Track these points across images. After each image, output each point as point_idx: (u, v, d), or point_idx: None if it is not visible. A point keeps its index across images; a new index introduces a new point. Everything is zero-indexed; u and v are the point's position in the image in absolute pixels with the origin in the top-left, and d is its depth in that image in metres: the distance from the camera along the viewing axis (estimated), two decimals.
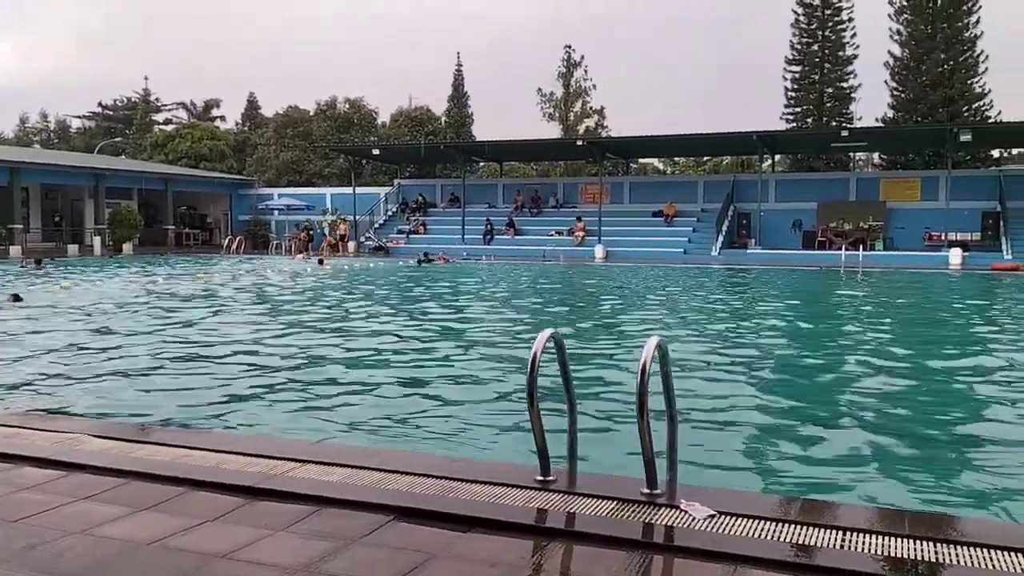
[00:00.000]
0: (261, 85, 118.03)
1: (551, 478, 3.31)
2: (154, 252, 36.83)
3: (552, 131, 55.86)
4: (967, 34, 41.32)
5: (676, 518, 2.93)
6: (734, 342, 10.53)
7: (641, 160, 57.06)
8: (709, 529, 2.82)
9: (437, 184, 45.59)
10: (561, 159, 50.59)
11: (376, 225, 42.27)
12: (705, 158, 56.78)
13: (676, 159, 58.69)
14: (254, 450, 3.72)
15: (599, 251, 34.67)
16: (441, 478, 3.30)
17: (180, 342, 9.91)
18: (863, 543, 2.69)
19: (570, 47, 56.42)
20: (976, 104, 41.62)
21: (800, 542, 2.70)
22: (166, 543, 2.77)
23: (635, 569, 2.55)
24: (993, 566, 2.50)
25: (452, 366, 8.47)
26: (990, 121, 39.90)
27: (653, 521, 2.92)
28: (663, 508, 3.02)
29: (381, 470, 3.40)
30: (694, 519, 2.91)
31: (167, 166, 48.96)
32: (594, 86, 56.80)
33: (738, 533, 2.78)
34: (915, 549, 2.64)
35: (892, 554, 2.60)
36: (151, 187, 43.03)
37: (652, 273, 26.15)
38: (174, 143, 54.33)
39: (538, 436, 3.27)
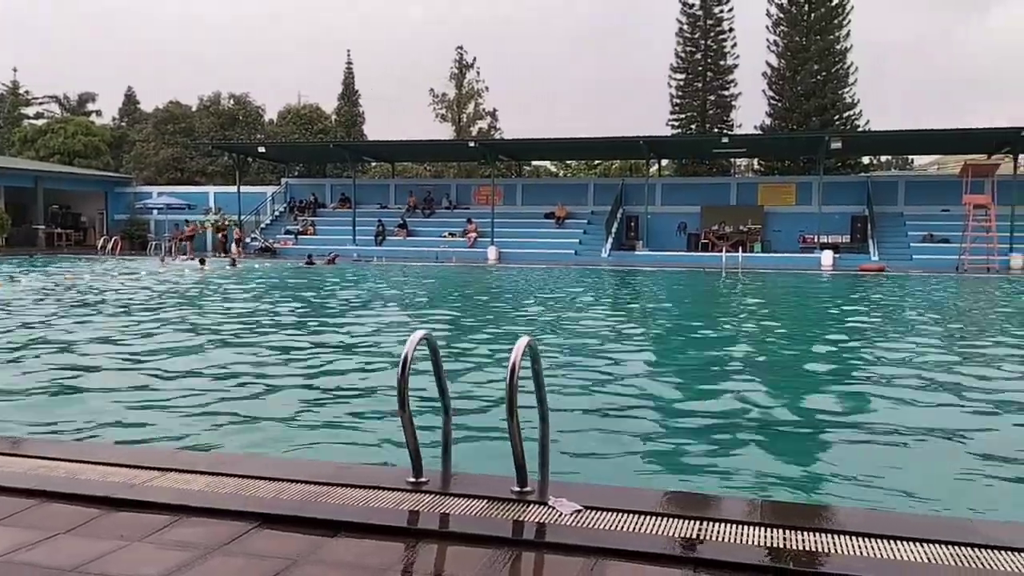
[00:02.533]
0: (140, 79, 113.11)
1: (424, 480, 3.30)
2: (23, 253, 34.77)
3: (445, 132, 55.81)
4: (838, 46, 43.64)
5: (545, 515, 2.98)
6: (613, 340, 10.76)
7: (534, 162, 57.67)
8: (575, 524, 2.88)
9: (327, 184, 44.81)
10: (454, 160, 50.58)
11: (263, 225, 41.20)
12: (596, 162, 57.88)
13: (568, 162, 59.59)
14: (113, 460, 3.57)
15: (491, 253, 34.86)
16: (309, 483, 3.24)
17: (34, 348, 9.38)
18: (729, 533, 2.78)
19: (462, 48, 56.53)
20: (847, 113, 44.00)
21: (665, 534, 2.79)
22: (11, 558, 2.63)
23: (500, 566, 2.58)
24: (866, 553, 2.63)
25: (327, 369, 8.29)
26: (859, 130, 42.25)
27: (522, 518, 2.95)
28: (532, 505, 3.06)
29: (246, 477, 3.32)
30: (561, 515, 2.97)
31: (37, 162, 46.27)
32: (487, 88, 57.09)
33: (603, 527, 2.85)
34: (784, 538, 2.74)
35: (759, 543, 2.70)
36: (19, 184, 40.60)
37: (542, 274, 26.45)
38: (45, 138, 51.43)
39: (409, 438, 3.26)
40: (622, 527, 2.85)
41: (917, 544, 2.67)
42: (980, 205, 29.82)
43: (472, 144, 38.98)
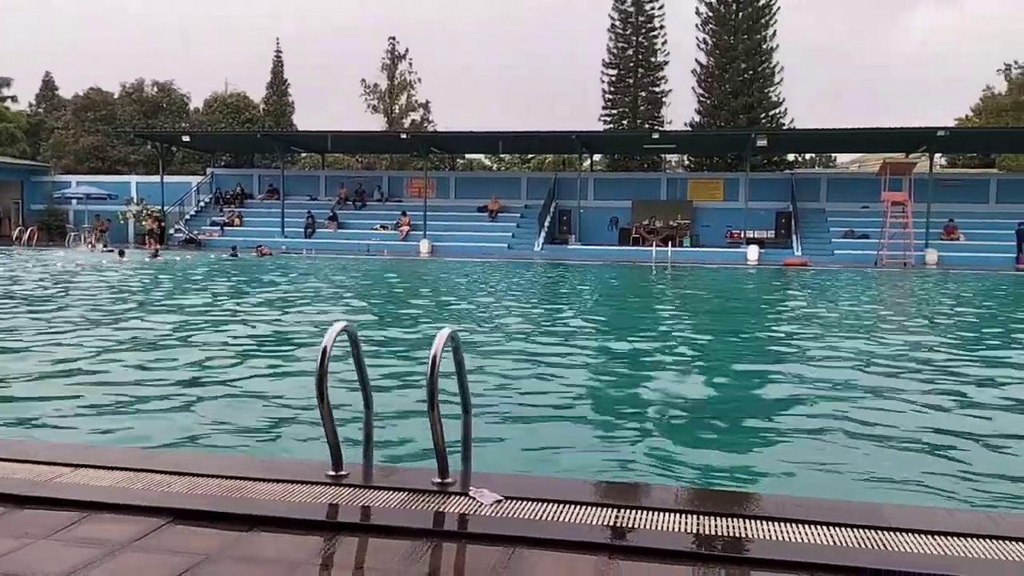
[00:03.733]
0: (58, 63, 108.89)
1: (344, 473, 3.26)
2: None
3: (377, 123, 55.23)
4: (764, 46, 44.68)
5: (466, 505, 2.98)
6: (539, 332, 10.81)
7: (468, 155, 57.55)
8: (496, 514, 2.88)
9: (254, 174, 43.94)
10: (386, 152, 50.11)
11: (187, 216, 40.17)
12: (529, 156, 58.06)
13: (502, 156, 59.67)
14: (22, 455, 3.43)
15: (424, 246, 34.70)
16: (225, 478, 3.17)
17: None
18: (648, 520, 2.81)
19: (394, 39, 56.00)
20: (773, 111, 45.11)
21: (584, 522, 2.81)
22: None
23: (419, 556, 2.57)
24: (781, 538, 2.68)
25: (244, 361, 8.07)
26: (784, 128, 43.33)
27: (443, 510, 2.94)
28: (453, 496, 3.06)
29: (161, 472, 3.22)
30: (482, 505, 2.97)
31: None
32: (419, 79, 56.70)
33: (523, 516, 2.86)
34: (698, 523, 2.78)
35: (677, 529, 2.74)
36: None
37: (474, 268, 26.43)
38: None
39: (329, 431, 3.21)
40: (542, 516, 2.86)
41: (829, 528, 2.75)
42: (898, 202, 30.94)
43: (404, 136, 38.71)
